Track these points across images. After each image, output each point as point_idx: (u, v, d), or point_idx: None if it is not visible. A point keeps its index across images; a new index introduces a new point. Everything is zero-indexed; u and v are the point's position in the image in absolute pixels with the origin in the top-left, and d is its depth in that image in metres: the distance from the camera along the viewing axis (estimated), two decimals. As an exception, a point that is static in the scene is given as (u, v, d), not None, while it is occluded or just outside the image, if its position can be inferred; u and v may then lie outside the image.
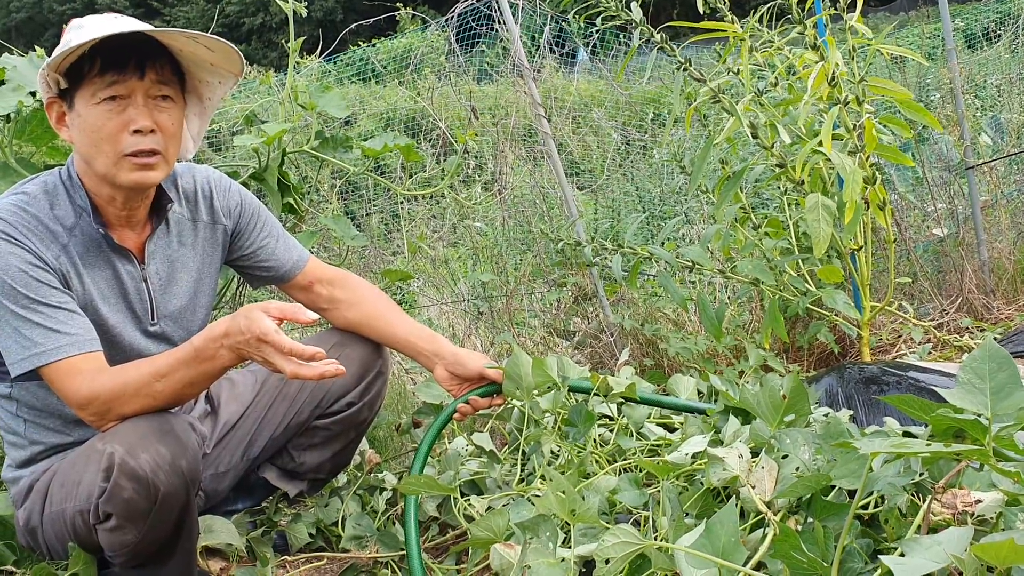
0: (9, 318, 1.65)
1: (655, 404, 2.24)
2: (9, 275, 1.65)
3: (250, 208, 2.06)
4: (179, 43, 1.74)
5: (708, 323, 2.57)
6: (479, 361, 2.07)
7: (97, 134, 1.68)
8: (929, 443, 1.14)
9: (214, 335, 1.64)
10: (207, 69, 1.82)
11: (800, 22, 2.36)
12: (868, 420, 2.50)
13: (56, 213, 1.74)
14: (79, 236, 1.76)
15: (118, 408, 1.65)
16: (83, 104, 1.68)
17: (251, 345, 1.60)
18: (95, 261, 1.78)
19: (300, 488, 2.21)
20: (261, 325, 1.58)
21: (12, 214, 1.70)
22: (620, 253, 2.84)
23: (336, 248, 3.23)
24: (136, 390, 1.65)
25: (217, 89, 1.88)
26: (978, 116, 5.37)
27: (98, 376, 1.66)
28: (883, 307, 2.78)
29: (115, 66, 1.66)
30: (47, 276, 1.68)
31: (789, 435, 1.48)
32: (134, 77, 1.68)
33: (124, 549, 1.66)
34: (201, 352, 1.65)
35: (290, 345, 1.58)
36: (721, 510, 1.23)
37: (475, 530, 1.69)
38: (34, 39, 32.05)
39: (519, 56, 3.07)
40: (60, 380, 1.66)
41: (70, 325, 1.68)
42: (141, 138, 1.70)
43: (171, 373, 1.66)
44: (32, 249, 1.68)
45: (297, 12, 2.76)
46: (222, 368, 1.68)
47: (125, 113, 1.68)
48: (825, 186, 2.63)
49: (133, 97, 1.69)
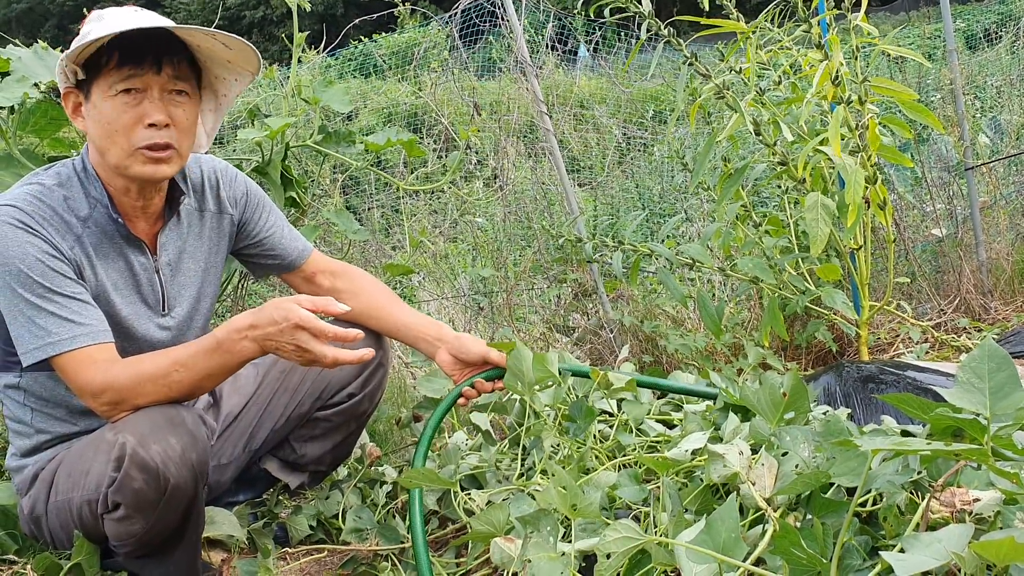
0: (23, 307, 1.66)
1: (662, 388, 2.24)
2: (25, 264, 1.65)
3: (255, 197, 2.07)
4: (197, 39, 1.75)
5: (708, 320, 2.58)
6: (482, 344, 2.07)
7: (112, 126, 1.70)
8: (929, 442, 1.14)
9: (238, 326, 1.65)
10: (224, 66, 1.84)
11: (806, 20, 2.37)
12: (866, 418, 2.51)
13: (70, 204, 1.75)
14: (93, 227, 1.77)
15: (132, 398, 1.66)
16: (99, 96, 1.69)
17: (284, 334, 1.61)
18: (108, 252, 1.80)
19: (301, 480, 2.22)
20: (299, 312, 1.60)
21: (29, 203, 1.70)
22: (621, 250, 2.85)
23: (338, 242, 3.24)
24: (153, 379, 1.66)
25: (233, 86, 1.89)
26: (978, 117, 5.39)
27: (112, 366, 1.66)
28: (882, 307, 2.79)
29: (132, 60, 1.68)
30: (62, 266, 1.70)
31: (789, 432, 1.49)
32: (151, 71, 1.69)
33: (130, 539, 1.67)
34: (223, 343, 1.66)
35: (333, 330, 1.60)
36: (721, 506, 1.25)
37: (475, 524, 1.70)
38: (34, 30, 32.03)
39: (522, 53, 3.08)
40: (73, 370, 1.66)
41: (84, 315, 1.69)
42: (155, 132, 1.71)
43: (191, 363, 1.67)
44: (48, 239, 1.69)
45: (300, 6, 2.77)
46: (242, 361, 1.68)
47: (140, 106, 1.69)
48: (825, 185, 2.64)
49: (149, 91, 1.70)
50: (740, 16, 2.65)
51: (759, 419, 1.65)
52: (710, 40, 5.36)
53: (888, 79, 2.72)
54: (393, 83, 8.77)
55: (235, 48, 1.77)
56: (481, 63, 5.63)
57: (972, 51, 6.76)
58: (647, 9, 2.40)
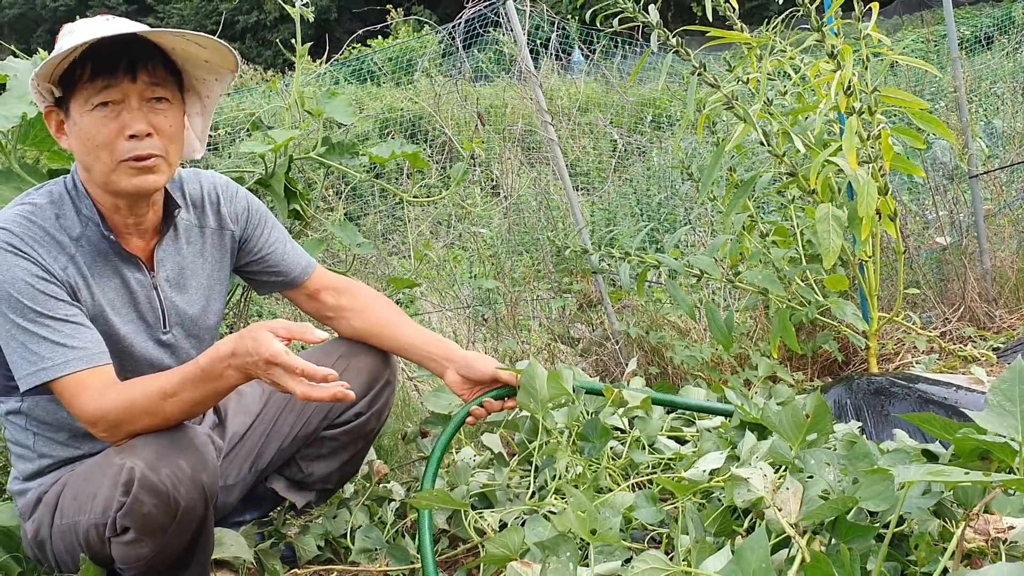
0: (16, 332, 1.62)
1: (678, 406, 2.21)
2: (15, 288, 1.62)
3: (257, 213, 2.03)
4: (169, 42, 1.69)
5: (718, 332, 2.56)
6: (491, 364, 2.04)
7: (93, 141, 1.65)
8: (967, 472, 1.12)
9: (220, 355, 1.60)
10: (202, 67, 1.78)
11: (818, 29, 2.34)
12: (877, 432, 2.49)
13: (62, 223, 1.71)
14: (86, 246, 1.73)
15: (127, 427, 1.63)
16: (77, 112, 1.65)
17: (259, 367, 1.56)
18: (103, 271, 1.75)
19: (308, 499, 2.19)
20: (269, 347, 1.54)
21: (18, 225, 1.66)
22: (627, 261, 2.82)
23: (341, 254, 3.21)
24: (144, 410, 1.62)
25: (215, 87, 1.84)
26: (977, 123, 5.38)
27: (106, 393, 1.62)
28: (891, 318, 2.77)
29: (105, 70, 1.62)
30: (54, 288, 1.65)
31: (813, 456, 1.46)
32: (126, 80, 1.64)
33: (139, 562, 1.64)
34: (208, 372, 1.61)
35: (302, 366, 1.54)
36: (751, 536, 1.22)
37: (490, 547, 1.67)
38: (27, 35, 31.91)
39: (526, 63, 3.05)
40: (69, 395, 1.63)
41: (77, 339, 1.65)
42: (137, 143, 1.66)
43: (178, 392, 1.62)
44: (38, 261, 1.65)
45: (303, 16, 2.74)
46: (229, 387, 1.64)
47: (119, 118, 1.64)
48: (834, 195, 2.62)
49: (127, 101, 1.65)
50: (744, 27, 2.64)
51: (779, 439, 1.63)
52: (712, 50, 5.35)
53: (895, 88, 2.70)
54: (388, 88, 8.74)
55: (209, 47, 1.71)
56: (475, 69, 5.61)
57: (970, 56, 6.76)
58: (655, 19, 2.38)
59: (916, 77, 5.15)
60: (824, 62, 2.40)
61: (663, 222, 4.81)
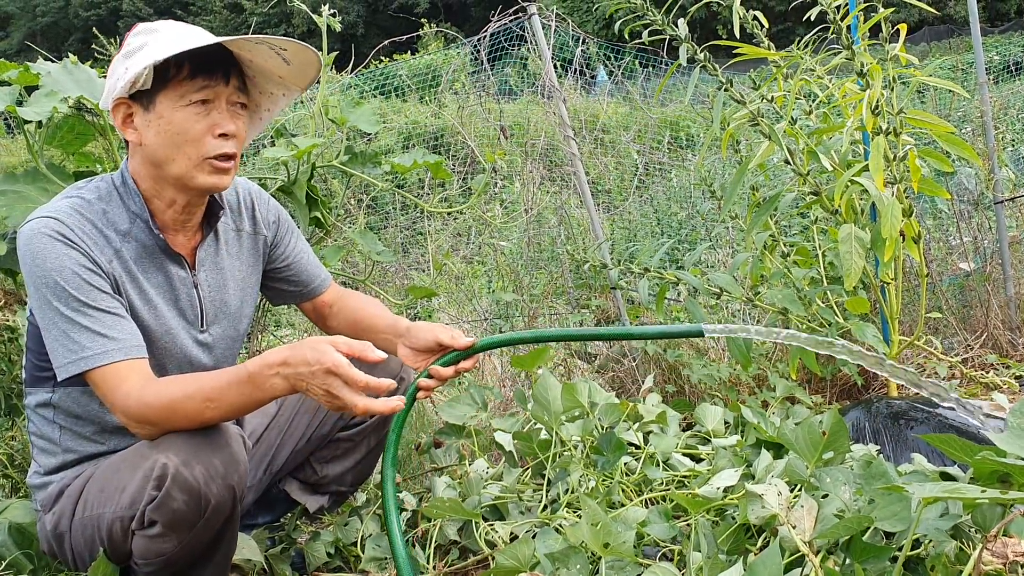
0: (58, 320, 1.64)
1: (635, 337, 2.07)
2: (63, 277, 1.63)
3: (286, 222, 2.08)
4: (249, 54, 1.76)
5: (738, 352, 2.54)
6: (432, 329, 1.95)
7: (182, 136, 1.69)
8: (984, 490, 1.10)
9: (271, 361, 1.58)
10: (275, 81, 1.84)
11: (848, 47, 2.33)
12: (895, 455, 2.46)
13: (110, 218, 1.74)
14: (132, 241, 1.76)
15: (166, 425, 1.62)
16: (169, 106, 1.68)
17: (316, 377, 1.54)
18: (148, 266, 1.78)
19: (321, 503, 2.19)
20: (332, 356, 1.53)
21: (68, 216, 1.69)
22: (647, 277, 2.81)
23: (361, 263, 3.22)
24: (184, 413, 1.61)
25: (280, 100, 1.90)
26: (1004, 150, 5.34)
27: (147, 388, 1.62)
28: (912, 341, 2.74)
29: (205, 71, 1.68)
30: (99, 280, 1.67)
31: (829, 474, 1.45)
32: (221, 83, 1.71)
33: (159, 558, 1.63)
34: (255, 377, 1.59)
35: (365, 379, 1.53)
36: (764, 552, 1.20)
37: (500, 558, 1.66)
38: (58, 43, 32.36)
39: (551, 78, 3.06)
40: (106, 386, 1.64)
41: (117, 330, 1.66)
42: (224, 142, 1.71)
43: (222, 398, 1.61)
44: (86, 252, 1.67)
45: (330, 26, 2.76)
46: (271, 396, 1.62)
47: (210, 116, 1.70)
48: (857, 216, 2.60)
49: (218, 102, 1.71)
50: (771, 45, 2.63)
51: (795, 458, 1.61)
52: (737, 69, 5.35)
53: (922, 111, 2.68)
54: (412, 104, 8.81)
55: (294, 65, 1.78)
56: (501, 85, 5.64)
57: (997, 84, 6.72)
58: (684, 33, 2.37)
59: (943, 102, 5.12)
60: (852, 81, 2.38)
61: (684, 241, 4.80)
